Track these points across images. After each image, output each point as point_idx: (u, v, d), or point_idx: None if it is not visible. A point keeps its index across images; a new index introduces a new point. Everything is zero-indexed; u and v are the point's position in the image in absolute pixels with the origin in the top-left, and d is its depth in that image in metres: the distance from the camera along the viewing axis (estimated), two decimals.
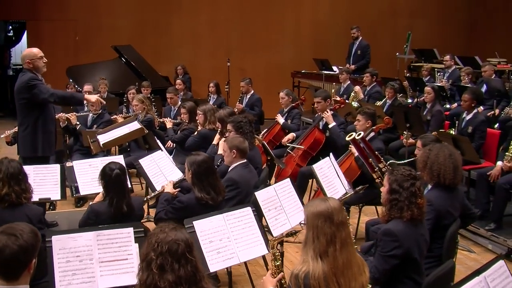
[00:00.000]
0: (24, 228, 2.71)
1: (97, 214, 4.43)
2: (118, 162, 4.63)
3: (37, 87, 5.83)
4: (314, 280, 3.00)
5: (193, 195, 4.70)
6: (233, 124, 6.16)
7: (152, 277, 2.63)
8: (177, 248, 2.65)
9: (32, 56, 5.94)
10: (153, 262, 2.64)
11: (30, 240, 2.67)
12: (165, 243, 2.65)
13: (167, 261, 2.63)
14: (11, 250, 2.59)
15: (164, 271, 2.62)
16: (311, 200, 3.34)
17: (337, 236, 3.08)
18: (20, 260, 2.63)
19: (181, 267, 2.64)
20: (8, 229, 2.66)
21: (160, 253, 2.64)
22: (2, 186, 4.24)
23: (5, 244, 2.59)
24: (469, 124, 7.38)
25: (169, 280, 2.61)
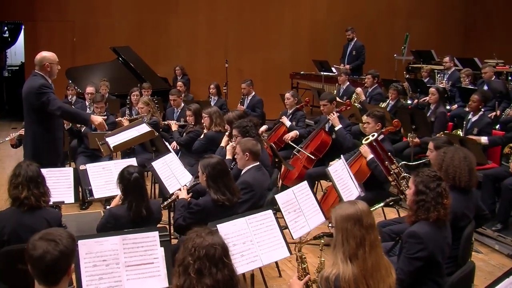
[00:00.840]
0: (62, 233, 2.71)
1: (116, 218, 4.43)
2: (137, 166, 4.64)
3: (46, 96, 5.73)
4: (345, 283, 3.04)
5: (209, 198, 4.70)
6: (239, 129, 6.13)
7: (189, 281, 2.65)
8: (214, 252, 2.67)
9: (52, 60, 5.88)
10: (191, 267, 2.65)
11: (69, 245, 2.68)
12: (202, 247, 2.67)
13: (205, 265, 2.64)
14: (52, 256, 2.60)
15: (202, 275, 2.63)
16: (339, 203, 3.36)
17: (366, 239, 3.13)
18: (61, 266, 2.64)
19: (219, 271, 2.66)
20: (46, 235, 2.66)
21: (198, 257, 2.65)
22: (22, 190, 4.23)
23: (46, 251, 2.59)
24: (474, 126, 7.44)
25: (207, 284, 2.62)
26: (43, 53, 5.96)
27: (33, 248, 2.62)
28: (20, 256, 4.00)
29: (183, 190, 5.10)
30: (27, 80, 6.00)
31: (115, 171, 5.46)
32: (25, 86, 5.96)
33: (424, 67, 11.48)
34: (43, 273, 2.63)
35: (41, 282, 2.64)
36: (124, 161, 5.65)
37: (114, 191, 5.43)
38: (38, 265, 2.61)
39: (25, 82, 6.04)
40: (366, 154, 6.28)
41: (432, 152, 5.50)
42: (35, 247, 2.62)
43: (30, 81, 5.87)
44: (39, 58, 5.90)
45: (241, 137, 5.96)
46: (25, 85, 5.97)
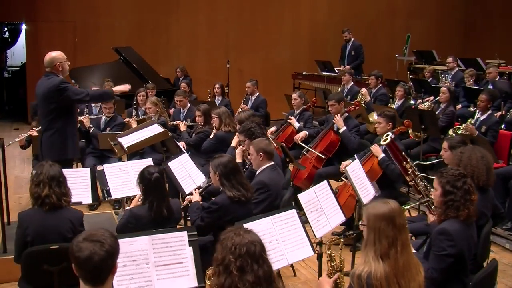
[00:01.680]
0: (105, 233, 2.73)
1: (137, 218, 4.45)
2: (157, 166, 4.65)
3: (69, 90, 5.87)
4: (376, 281, 3.08)
5: (225, 195, 4.73)
6: (244, 134, 6.11)
7: (231, 279, 2.69)
8: (254, 249, 2.74)
9: (61, 59, 5.95)
10: (232, 265, 2.70)
11: (113, 244, 2.70)
12: (242, 245, 2.73)
13: (247, 262, 2.70)
14: (99, 256, 2.61)
15: (244, 272, 2.69)
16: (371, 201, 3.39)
17: (398, 239, 3.17)
18: (108, 265, 2.66)
19: (260, 267, 2.72)
20: (91, 236, 2.67)
21: (239, 255, 2.70)
22: (43, 188, 4.24)
23: (93, 252, 2.61)
24: (483, 124, 7.52)
25: (249, 281, 2.67)
26: (52, 53, 6.01)
27: (79, 250, 2.62)
28: (45, 256, 4.05)
29: (195, 193, 5.12)
30: (41, 82, 6.02)
31: (132, 171, 5.49)
32: (41, 87, 5.99)
33: (426, 67, 11.52)
34: (90, 274, 2.64)
35: (87, 282, 2.65)
36: (140, 162, 5.66)
37: (132, 192, 5.48)
38: (85, 266, 2.61)
39: (39, 84, 6.06)
40: (378, 153, 6.31)
41: (446, 152, 5.54)
42: (81, 249, 2.62)
43: (46, 81, 5.91)
44: (48, 59, 5.94)
45: (249, 141, 5.95)
46: (41, 86, 6.00)
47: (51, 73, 5.91)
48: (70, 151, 6.04)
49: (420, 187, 4.95)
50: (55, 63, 5.89)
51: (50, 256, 4.07)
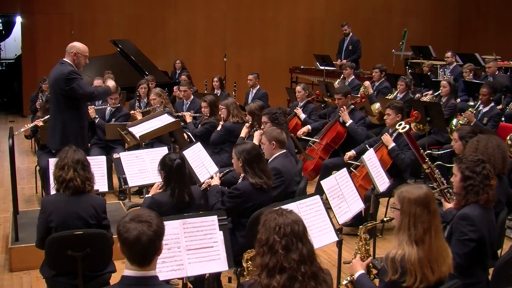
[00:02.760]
0: (151, 214, 2.74)
1: (159, 204, 4.45)
2: (178, 152, 4.66)
3: (76, 82, 5.80)
4: (411, 265, 3.13)
5: (247, 182, 4.77)
6: (269, 116, 6.23)
7: (276, 259, 2.72)
8: (298, 228, 2.78)
9: (82, 50, 5.91)
10: (277, 244, 2.73)
11: (160, 225, 2.71)
12: (286, 225, 2.76)
13: (292, 241, 2.74)
14: (148, 236, 2.61)
15: (289, 251, 2.72)
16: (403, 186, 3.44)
17: (432, 224, 3.22)
18: (155, 246, 2.66)
19: (304, 246, 2.76)
20: (137, 217, 2.67)
21: (284, 234, 2.74)
22: (68, 171, 4.22)
23: (142, 232, 2.61)
24: (484, 116, 7.67)
25: (294, 259, 2.71)
26: (75, 42, 6.02)
27: (127, 231, 2.62)
28: (69, 242, 4.05)
29: (215, 177, 5.15)
30: (54, 68, 6.00)
31: (148, 159, 5.50)
32: (52, 74, 5.98)
33: (425, 62, 11.63)
34: (138, 255, 2.64)
35: (134, 263, 2.65)
36: (156, 150, 5.68)
37: (148, 180, 5.50)
38: (134, 247, 2.61)
39: (52, 70, 6.04)
40: (388, 142, 6.41)
41: (456, 142, 5.60)
42: (128, 229, 2.62)
43: (58, 68, 5.90)
44: (69, 46, 5.97)
45: (271, 124, 6.04)
46: (52, 73, 5.99)
47: (66, 61, 5.88)
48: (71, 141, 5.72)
49: (436, 175, 5.01)
50: (73, 50, 5.87)
51: (74, 242, 4.07)
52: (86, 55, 5.97)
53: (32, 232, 5.78)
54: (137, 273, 2.65)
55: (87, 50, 5.98)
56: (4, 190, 8.28)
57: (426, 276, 3.15)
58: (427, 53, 12.99)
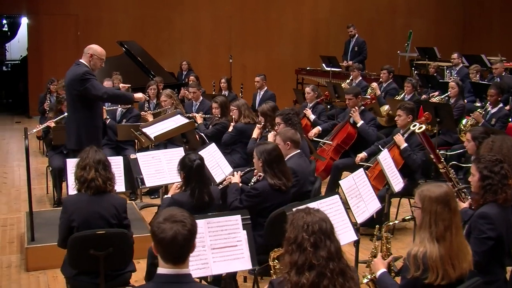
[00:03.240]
0: (183, 213, 2.77)
1: (179, 204, 4.45)
2: (197, 153, 4.71)
3: (90, 82, 5.82)
4: (432, 262, 3.19)
5: (266, 182, 4.83)
6: (282, 117, 6.29)
7: (305, 256, 2.77)
8: (326, 226, 2.84)
9: (98, 53, 5.94)
10: (306, 242, 2.78)
11: (194, 223, 2.75)
12: (314, 223, 2.82)
13: (320, 239, 2.79)
14: (183, 236, 2.65)
15: (318, 248, 2.77)
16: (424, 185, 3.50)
17: (453, 221, 3.28)
18: (190, 244, 2.71)
19: (332, 243, 2.81)
20: (171, 217, 2.70)
21: (312, 232, 2.79)
22: (89, 171, 4.26)
23: (177, 232, 2.64)
24: (493, 117, 7.73)
25: (323, 256, 2.76)
26: (93, 45, 6.07)
27: (162, 231, 2.65)
28: (91, 242, 4.09)
29: (236, 175, 5.20)
30: (70, 69, 6.04)
31: (164, 160, 5.55)
32: (68, 74, 6.02)
33: (431, 63, 11.70)
34: (174, 254, 2.68)
35: (169, 262, 2.69)
36: (172, 151, 5.73)
37: (164, 180, 5.55)
38: (171, 246, 2.65)
39: (68, 71, 6.08)
40: (400, 143, 6.46)
41: (469, 143, 5.65)
42: (164, 230, 2.65)
43: (73, 69, 5.93)
44: (87, 47, 6.01)
45: (284, 125, 6.10)
46: (67, 74, 6.03)
47: (81, 62, 5.93)
48: (85, 142, 5.81)
49: (451, 174, 5.07)
50: (90, 52, 5.91)
51: (97, 241, 4.11)
52: (103, 58, 6.01)
53: (47, 232, 5.88)
54: (172, 271, 2.69)
55: (104, 53, 6.03)
56: (15, 190, 8.34)
57: (447, 272, 3.21)
58: (432, 54, 13.05)
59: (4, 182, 8.77)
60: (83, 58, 5.95)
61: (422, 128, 5.40)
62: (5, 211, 7.43)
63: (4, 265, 5.80)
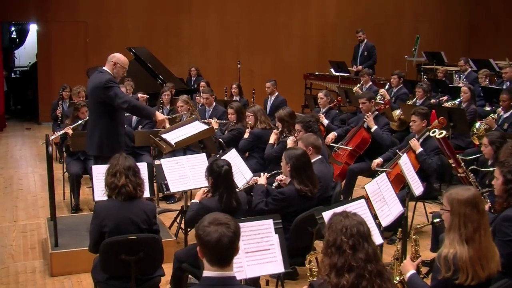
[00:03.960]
0: (227, 216, 2.86)
1: (207, 210, 4.54)
2: (225, 159, 4.79)
3: (113, 90, 5.88)
4: (462, 262, 3.29)
5: (293, 187, 4.92)
6: (302, 124, 6.39)
7: (344, 258, 2.86)
8: (363, 229, 2.94)
9: (122, 61, 6.02)
10: (345, 245, 2.88)
11: (237, 226, 2.83)
12: (352, 226, 2.92)
13: (358, 241, 2.89)
14: (228, 238, 2.74)
15: (356, 250, 2.87)
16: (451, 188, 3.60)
17: (481, 223, 3.38)
18: (235, 246, 2.79)
19: (369, 245, 2.91)
20: (215, 221, 2.78)
21: (351, 235, 2.89)
22: (120, 177, 4.33)
23: (222, 234, 2.73)
24: (505, 121, 7.79)
25: (361, 258, 2.86)
26: (117, 54, 6.16)
27: (208, 234, 2.74)
28: (123, 247, 4.17)
29: (263, 176, 5.29)
30: (93, 77, 6.12)
31: (188, 166, 5.63)
32: (90, 82, 6.11)
33: (439, 68, 11.80)
34: (219, 256, 2.76)
35: (215, 264, 2.77)
36: (194, 157, 5.80)
37: (188, 185, 5.63)
38: (216, 249, 2.74)
39: (90, 79, 6.19)
40: (416, 147, 6.55)
41: (487, 147, 5.77)
42: (209, 233, 2.74)
43: (97, 76, 6.00)
44: (111, 55, 6.10)
45: (304, 132, 6.19)
46: (90, 81, 6.12)
47: (105, 70, 6.01)
48: (105, 149, 5.97)
49: (471, 179, 5.16)
50: (113, 60, 5.99)
51: (128, 246, 4.19)
52: (126, 67, 6.09)
53: (69, 237, 5.99)
54: (218, 274, 2.77)
55: (127, 62, 6.12)
56: (32, 196, 8.42)
57: (477, 273, 3.31)
58: (440, 59, 13.16)
59: (20, 188, 8.84)
60: (107, 65, 6.03)
61: (443, 133, 5.49)
62: (24, 217, 7.50)
63: (28, 270, 5.88)
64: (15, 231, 6.97)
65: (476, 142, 7.98)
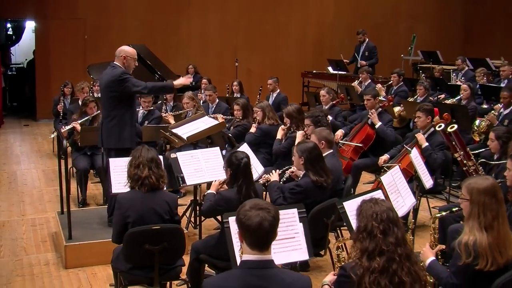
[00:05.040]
0: (266, 202, 2.97)
1: (227, 201, 4.66)
2: (244, 151, 4.89)
3: (129, 81, 5.98)
4: (482, 249, 3.43)
5: (309, 179, 5.05)
6: (312, 119, 6.52)
7: (375, 243, 3.00)
8: (392, 215, 3.08)
9: (130, 54, 6.08)
10: (375, 229, 3.02)
11: (276, 211, 2.93)
12: (382, 212, 3.06)
13: (388, 226, 3.03)
14: (269, 222, 2.83)
15: (387, 235, 3.01)
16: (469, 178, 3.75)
17: (500, 211, 3.53)
18: (275, 230, 2.89)
19: (399, 230, 3.05)
20: (255, 206, 2.88)
21: (381, 220, 3.03)
22: (143, 169, 4.42)
23: (263, 218, 2.82)
24: (505, 118, 7.97)
25: (392, 242, 3.00)
26: (124, 46, 6.21)
27: (249, 219, 2.83)
28: (147, 237, 4.26)
29: (275, 173, 5.40)
30: (106, 72, 6.17)
31: (202, 159, 5.71)
32: (104, 76, 6.16)
33: (436, 67, 11.98)
34: (260, 239, 2.85)
35: (255, 248, 2.86)
36: (208, 150, 5.88)
37: (203, 178, 5.72)
38: (257, 232, 2.83)
39: (103, 74, 6.23)
40: (422, 141, 6.69)
41: (493, 142, 5.93)
42: (250, 217, 2.83)
43: (110, 71, 6.06)
44: (118, 50, 6.15)
45: (314, 126, 6.31)
46: (104, 76, 6.17)
47: (116, 64, 6.09)
48: (127, 140, 6.09)
49: (480, 171, 5.31)
50: (122, 54, 6.05)
51: (152, 236, 4.27)
52: (135, 57, 6.17)
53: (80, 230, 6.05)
54: (257, 257, 2.87)
55: (136, 53, 6.19)
56: (37, 191, 8.47)
57: (496, 259, 3.46)
58: (436, 58, 13.34)
59: (24, 183, 8.88)
60: (117, 60, 6.10)
61: (455, 127, 5.63)
62: (32, 212, 7.55)
63: (42, 263, 5.95)
64: (25, 225, 7.03)
65: (476, 139, 8.16)
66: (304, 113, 7.21)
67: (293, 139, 6.82)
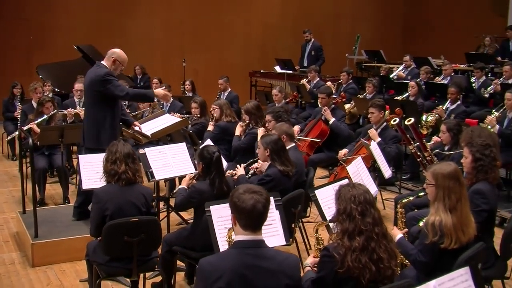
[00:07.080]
0: (257, 186, 3.17)
1: (200, 192, 4.78)
2: (215, 146, 5.05)
3: (112, 83, 5.95)
4: (447, 229, 3.74)
5: (276, 169, 5.29)
6: (273, 114, 6.75)
7: (355, 224, 3.25)
8: (369, 197, 3.35)
9: (122, 59, 6.11)
10: (354, 211, 3.27)
11: (268, 194, 3.13)
12: (359, 194, 3.32)
13: (366, 208, 3.29)
14: (262, 204, 3.03)
15: (365, 216, 3.27)
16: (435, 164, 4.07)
17: (462, 194, 3.85)
18: (267, 212, 3.09)
19: (375, 211, 3.33)
20: (248, 190, 3.07)
21: (359, 202, 3.29)
22: (120, 164, 4.52)
23: (257, 200, 3.02)
24: (452, 113, 8.43)
25: (369, 222, 3.27)
26: (118, 50, 6.22)
27: (243, 201, 3.02)
28: (126, 229, 4.36)
29: (240, 168, 5.58)
30: (90, 70, 6.15)
31: (170, 154, 5.83)
32: (88, 75, 6.14)
33: (382, 66, 12.46)
34: (254, 220, 3.04)
35: (249, 228, 3.05)
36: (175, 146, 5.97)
37: (171, 173, 5.83)
38: (251, 214, 3.02)
39: (88, 72, 6.20)
40: (375, 137, 7.02)
41: (444, 134, 6.30)
42: (244, 200, 3.02)
43: (94, 70, 6.04)
44: (111, 51, 6.16)
45: (275, 122, 6.53)
46: (87, 75, 6.14)
47: (102, 64, 6.07)
48: (104, 142, 5.88)
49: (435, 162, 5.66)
50: (114, 56, 6.05)
51: (131, 228, 4.37)
52: (124, 65, 6.19)
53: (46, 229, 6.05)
54: (250, 237, 3.06)
55: (127, 59, 6.20)
56: None
57: (459, 238, 3.78)
58: (380, 57, 13.84)
59: None
60: (105, 61, 6.09)
61: (411, 120, 5.96)
62: None
63: (7, 262, 5.90)
64: None
65: (424, 132, 8.57)
66: (262, 110, 7.42)
67: (252, 136, 7.02)
